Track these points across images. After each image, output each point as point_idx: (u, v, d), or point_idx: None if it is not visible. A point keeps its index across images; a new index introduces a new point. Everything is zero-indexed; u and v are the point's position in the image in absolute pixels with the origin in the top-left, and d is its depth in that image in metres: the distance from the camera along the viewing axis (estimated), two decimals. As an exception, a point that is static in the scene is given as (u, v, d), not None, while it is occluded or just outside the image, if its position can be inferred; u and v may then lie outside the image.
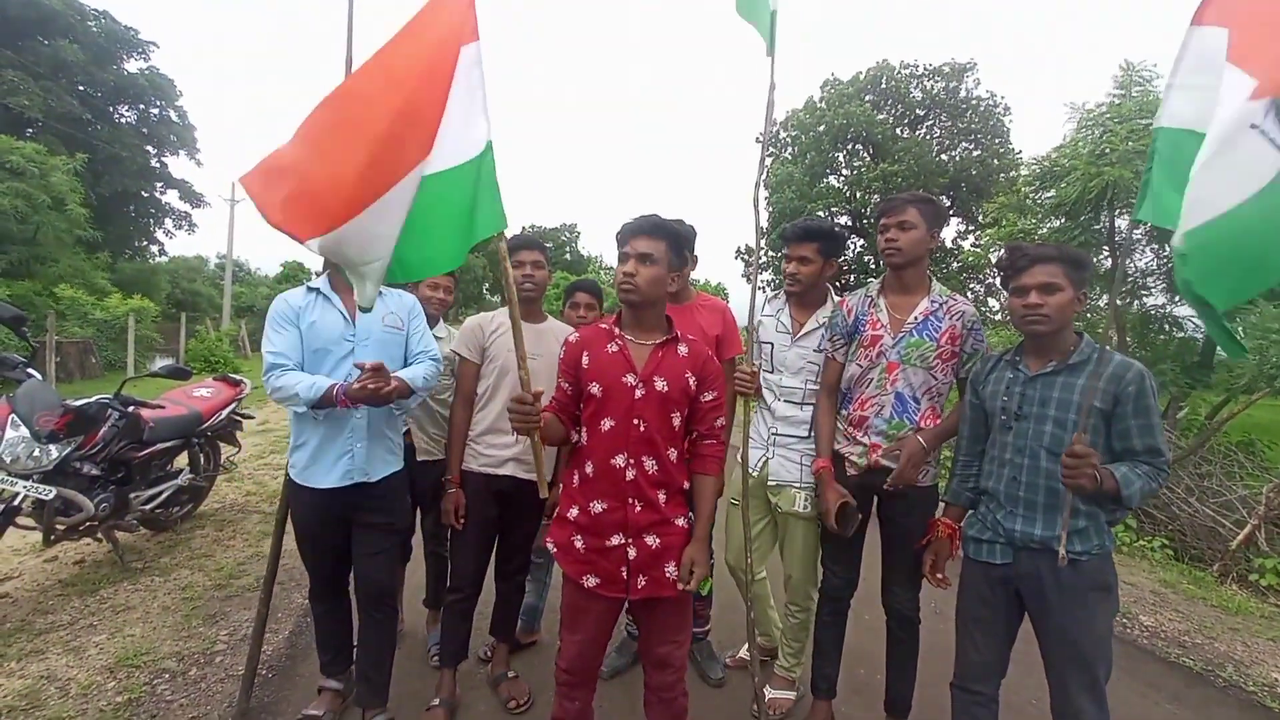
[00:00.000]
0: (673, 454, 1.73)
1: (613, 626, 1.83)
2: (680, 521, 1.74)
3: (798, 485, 2.33)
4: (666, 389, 1.69)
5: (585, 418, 1.77)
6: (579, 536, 1.74)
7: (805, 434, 2.35)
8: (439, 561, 2.73)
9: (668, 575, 1.69)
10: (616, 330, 1.77)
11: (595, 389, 1.71)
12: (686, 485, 1.78)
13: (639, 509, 1.69)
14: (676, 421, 1.72)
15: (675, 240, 1.75)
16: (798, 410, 2.37)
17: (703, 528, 1.75)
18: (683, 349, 1.76)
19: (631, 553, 1.69)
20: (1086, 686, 1.67)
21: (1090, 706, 1.66)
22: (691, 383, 1.71)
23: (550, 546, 1.82)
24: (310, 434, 2.08)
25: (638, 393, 1.68)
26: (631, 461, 1.68)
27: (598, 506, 1.70)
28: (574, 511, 1.75)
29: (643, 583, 1.69)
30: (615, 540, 1.70)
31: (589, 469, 1.72)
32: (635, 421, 1.68)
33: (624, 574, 1.70)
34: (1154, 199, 1.54)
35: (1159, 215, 1.53)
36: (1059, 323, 1.69)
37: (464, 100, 1.72)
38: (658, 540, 1.70)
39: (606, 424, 1.70)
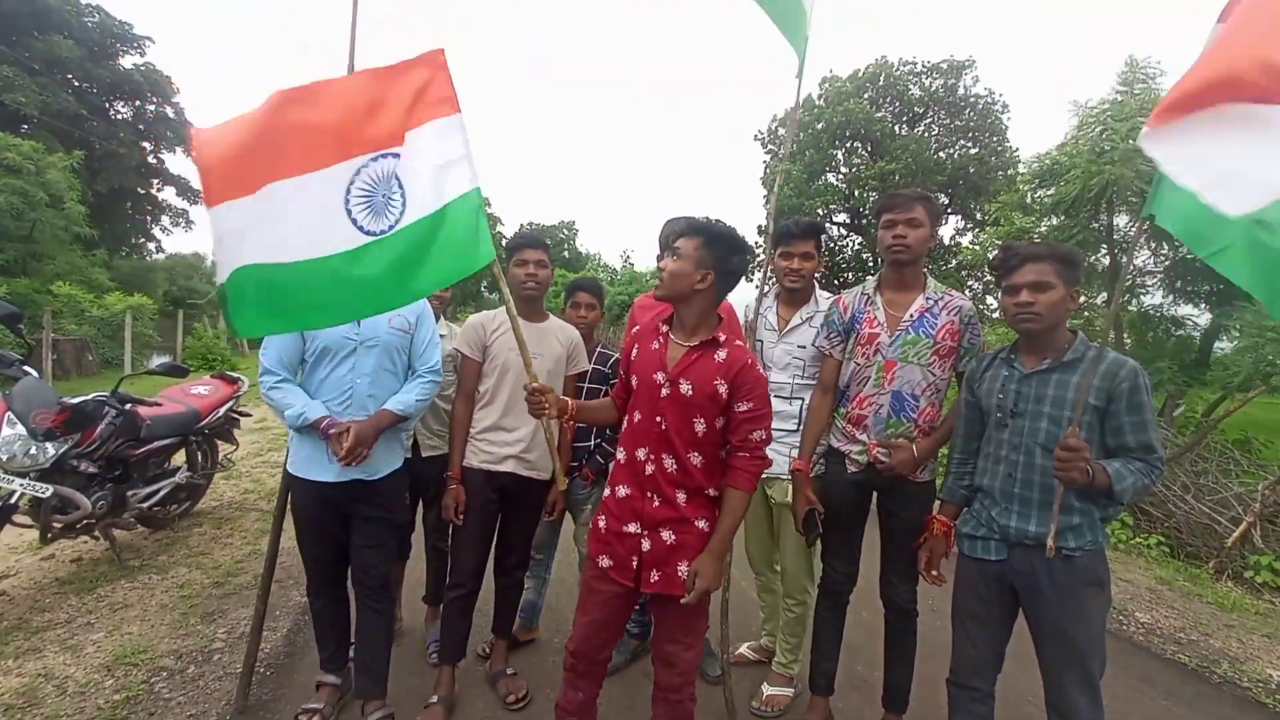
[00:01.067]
0: (695, 458, 1.70)
1: (623, 617, 1.85)
2: (701, 523, 1.72)
3: (789, 477, 2.34)
4: (691, 392, 1.68)
5: (628, 407, 1.83)
6: (604, 517, 1.80)
7: (794, 427, 2.39)
8: (439, 557, 2.73)
9: (680, 574, 1.68)
10: (664, 328, 1.80)
11: (635, 381, 1.80)
12: (714, 491, 1.74)
13: (656, 504, 1.71)
14: (700, 427, 1.69)
15: (710, 237, 1.71)
16: (786, 405, 2.40)
17: (719, 540, 1.69)
18: (720, 354, 1.70)
19: (645, 545, 1.71)
20: (1081, 682, 1.68)
21: (1085, 701, 1.67)
22: (721, 390, 1.67)
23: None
24: (311, 430, 2.08)
25: (663, 391, 1.70)
26: (651, 457, 1.71)
27: (621, 491, 1.77)
28: (606, 492, 1.85)
29: (656, 577, 1.70)
30: (631, 528, 1.73)
31: (620, 455, 1.80)
32: (657, 419, 1.70)
33: (634, 564, 1.72)
34: (1163, 200, 1.54)
35: (1166, 217, 1.53)
36: (1050, 320, 1.70)
37: (435, 158, 1.73)
38: (673, 536, 1.70)
39: (636, 416, 1.76)
